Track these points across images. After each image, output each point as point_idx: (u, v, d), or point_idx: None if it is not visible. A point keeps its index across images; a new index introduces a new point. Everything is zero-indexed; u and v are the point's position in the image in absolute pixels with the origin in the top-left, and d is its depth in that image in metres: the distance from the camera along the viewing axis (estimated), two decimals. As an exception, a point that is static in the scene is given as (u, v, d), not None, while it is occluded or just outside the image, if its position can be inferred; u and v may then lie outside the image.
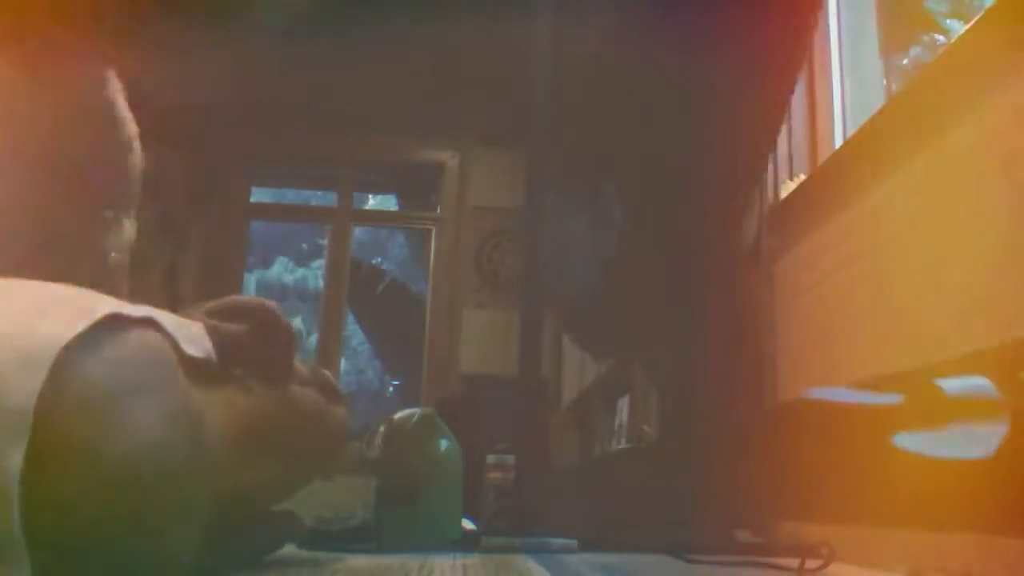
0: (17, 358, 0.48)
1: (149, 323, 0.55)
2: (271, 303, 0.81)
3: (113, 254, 0.75)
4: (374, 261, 8.87)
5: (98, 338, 0.51)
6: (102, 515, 0.48)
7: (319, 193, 5.47)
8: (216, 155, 3.61)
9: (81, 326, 0.50)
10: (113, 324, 0.52)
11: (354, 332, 8.47)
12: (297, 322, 10.54)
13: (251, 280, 9.90)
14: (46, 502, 0.47)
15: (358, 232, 5.54)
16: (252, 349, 0.76)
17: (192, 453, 0.53)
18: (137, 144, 0.83)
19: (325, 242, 4.58)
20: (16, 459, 0.46)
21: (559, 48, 1.58)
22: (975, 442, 0.93)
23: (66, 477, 0.47)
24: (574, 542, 1.46)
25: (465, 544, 1.46)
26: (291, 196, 5.93)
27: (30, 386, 0.47)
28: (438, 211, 3.88)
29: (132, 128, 0.81)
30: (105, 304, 0.54)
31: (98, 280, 0.68)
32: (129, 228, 0.81)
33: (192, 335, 0.59)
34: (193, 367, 0.57)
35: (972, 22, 1.09)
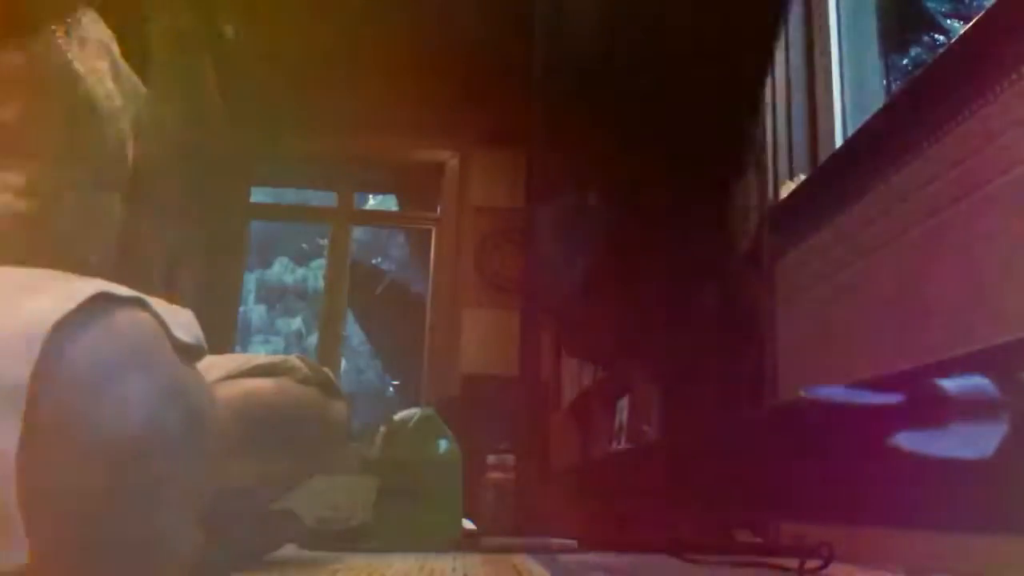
0: (9, 336, 0.48)
1: (138, 303, 0.55)
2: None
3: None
4: (374, 261, 8.88)
5: (88, 316, 0.51)
6: (98, 491, 0.48)
7: (319, 193, 5.46)
8: (216, 154, 3.61)
9: (71, 304, 0.50)
10: (103, 302, 0.53)
11: (354, 332, 8.47)
12: (297, 322, 10.54)
13: (251, 280, 9.90)
14: (42, 479, 0.47)
15: (358, 232, 5.53)
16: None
17: (185, 429, 0.53)
18: (111, 118, 0.77)
19: (325, 242, 4.58)
20: (11, 436, 0.46)
21: (554, 43, 1.57)
22: (975, 442, 0.93)
23: (61, 454, 0.48)
24: (574, 542, 1.46)
25: (465, 544, 1.46)
26: (291, 196, 5.93)
27: (23, 364, 0.47)
28: (438, 211, 3.88)
29: (98, 102, 0.75)
30: (94, 284, 0.54)
31: (72, 266, 0.67)
32: (108, 208, 0.77)
33: (181, 321, 0.59)
34: (181, 349, 0.57)
35: (972, 22, 1.09)
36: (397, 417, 1.53)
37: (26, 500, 0.46)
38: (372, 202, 8.10)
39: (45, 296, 0.51)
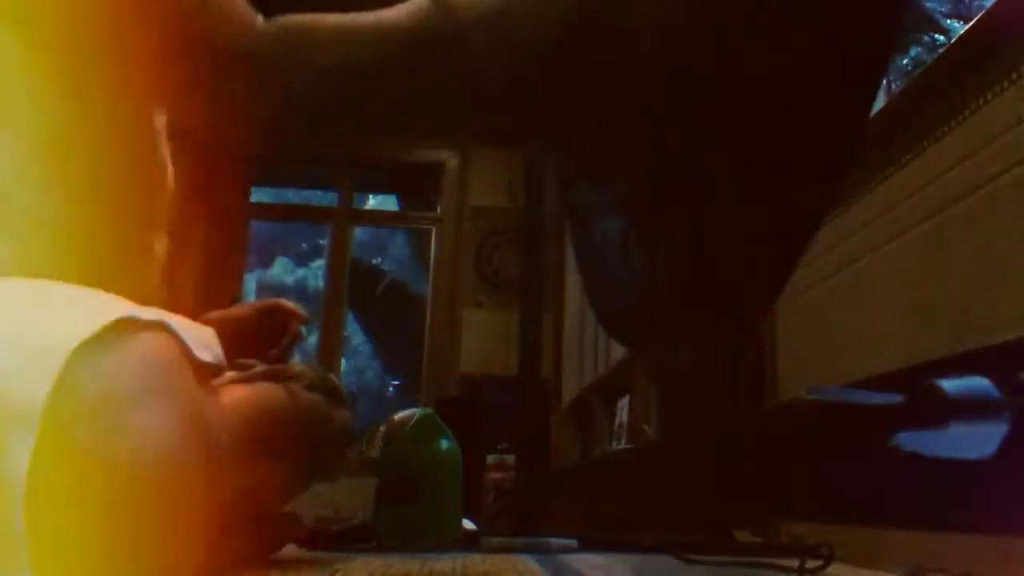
0: (28, 357, 0.48)
1: (160, 326, 0.55)
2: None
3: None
4: (374, 261, 8.87)
5: (109, 340, 0.51)
6: (106, 516, 0.48)
7: (319, 193, 5.47)
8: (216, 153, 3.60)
9: (93, 327, 0.50)
10: (125, 326, 0.52)
11: (354, 332, 8.47)
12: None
13: (251, 280, 9.90)
14: (51, 504, 0.46)
15: (358, 232, 5.53)
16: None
17: (199, 457, 0.52)
18: (170, 165, 0.81)
19: (325, 242, 4.58)
20: (22, 457, 0.45)
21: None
22: (975, 442, 0.93)
23: (71, 477, 0.47)
24: (574, 542, 1.46)
25: (465, 544, 1.46)
26: (291, 196, 5.93)
27: (39, 385, 0.47)
28: (438, 211, 3.88)
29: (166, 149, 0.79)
30: (118, 306, 0.54)
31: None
32: (160, 250, 0.81)
33: (202, 339, 0.59)
34: (202, 371, 0.57)
35: (972, 22, 1.09)
36: (397, 417, 1.53)
37: (33, 524, 0.46)
38: (372, 202, 8.10)
39: (68, 319, 0.51)
